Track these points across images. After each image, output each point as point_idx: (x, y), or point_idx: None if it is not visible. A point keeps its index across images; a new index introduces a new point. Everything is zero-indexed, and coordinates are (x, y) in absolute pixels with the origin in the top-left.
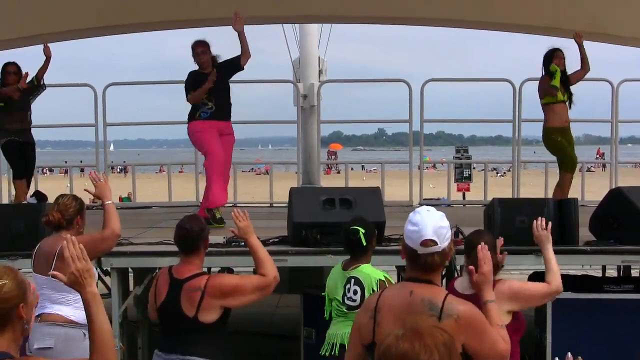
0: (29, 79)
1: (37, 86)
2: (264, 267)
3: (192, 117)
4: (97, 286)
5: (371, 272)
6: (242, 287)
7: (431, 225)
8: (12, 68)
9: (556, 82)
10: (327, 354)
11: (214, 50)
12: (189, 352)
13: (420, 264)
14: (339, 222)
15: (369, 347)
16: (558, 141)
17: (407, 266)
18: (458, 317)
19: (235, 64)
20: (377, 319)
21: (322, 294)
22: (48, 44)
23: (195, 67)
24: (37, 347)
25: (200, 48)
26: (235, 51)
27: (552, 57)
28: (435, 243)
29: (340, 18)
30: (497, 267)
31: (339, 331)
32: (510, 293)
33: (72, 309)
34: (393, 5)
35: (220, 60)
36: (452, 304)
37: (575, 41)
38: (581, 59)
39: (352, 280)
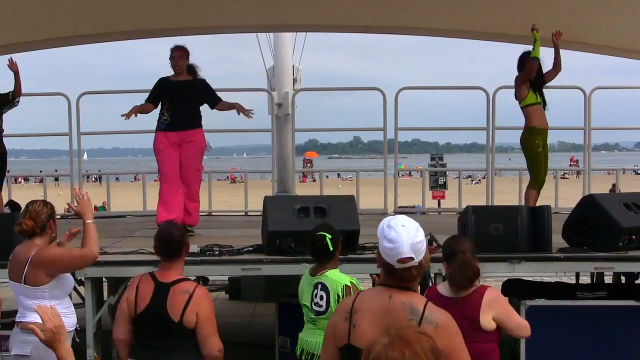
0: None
1: (10, 101)
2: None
3: (156, 127)
4: (71, 296)
5: (337, 277)
6: (212, 318)
7: (408, 242)
8: None
9: (536, 53)
10: (301, 356)
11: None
12: (175, 359)
13: (397, 277)
14: None
15: (344, 349)
16: (535, 145)
17: (383, 275)
18: (437, 325)
19: (209, 100)
20: (352, 321)
21: (299, 302)
22: (13, 59)
23: (169, 72)
24: (14, 353)
25: (177, 52)
26: (215, 61)
27: (527, 59)
28: (413, 259)
29: (315, 27)
30: (478, 273)
31: (308, 338)
32: (497, 301)
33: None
34: (368, 14)
35: (199, 71)
36: (433, 312)
37: (553, 39)
38: (555, 58)
39: (319, 286)
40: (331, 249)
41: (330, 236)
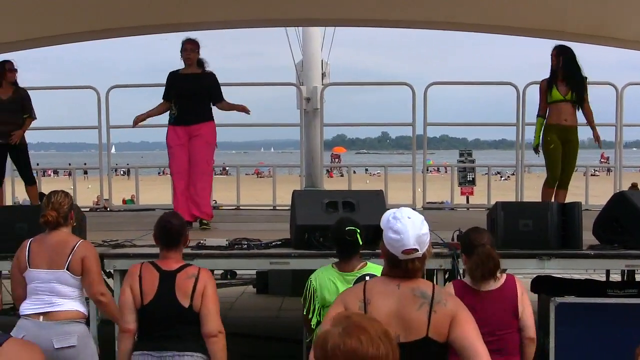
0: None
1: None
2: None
3: (168, 121)
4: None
5: (380, 269)
6: (215, 299)
7: (413, 234)
8: (11, 65)
9: (537, 136)
10: None
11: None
12: (185, 347)
13: (401, 269)
14: None
15: None
16: (547, 141)
17: (386, 266)
18: (447, 302)
19: (213, 95)
20: (367, 310)
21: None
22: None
23: (180, 65)
24: (58, 346)
25: (189, 45)
26: (231, 55)
27: (553, 55)
28: (417, 251)
29: (344, 21)
30: (499, 264)
31: None
32: (525, 291)
33: (82, 304)
34: (396, 9)
35: (207, 67)
36: (440, 292)
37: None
38: (589, 116)
39: (367, 278)
40: (361, 243)
41: (359, 230)
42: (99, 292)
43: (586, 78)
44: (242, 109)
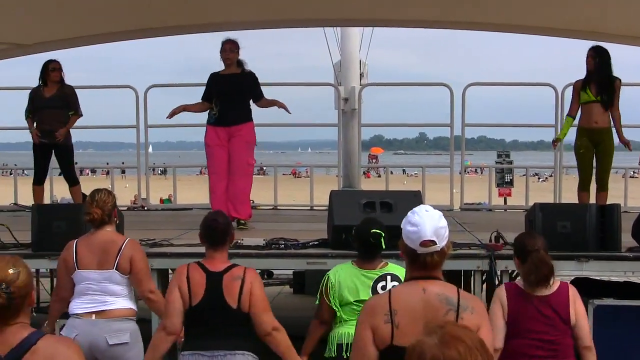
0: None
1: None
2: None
3: (207, 120)
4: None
5: (401, 269)
6: (264, 297)
7: (430, 226)
8: (55, 65)
9: (562, 135)
10: (334, 355)
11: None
12: (235, 346)
13: (420, 263)
14: None
15: (386, 351)
16: (577, 145)
17: (408, 266)
18: (473, 309)
19: (254, 94)
20: (394, 322)
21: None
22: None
23: (219, 65)
24: (112, 343)
25: (228, 45)
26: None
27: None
28: (435, 243)
29: (382, 21)
30: (553, 270)
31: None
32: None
33: (132, 302)
34: (435, 9)
35: (247, 67)
36: (466, 298)
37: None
38: (617, 120)
39: (388, 277)
40: (384, 247)
41: (383, 234)
42: (148, 290)
43: (620, 80)
44: (282, 105)
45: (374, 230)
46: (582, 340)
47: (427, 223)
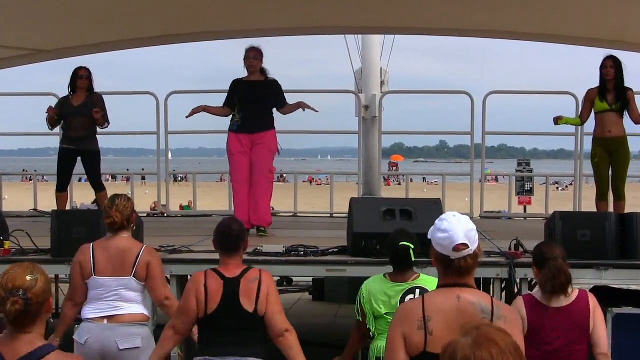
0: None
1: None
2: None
3: (228, 127)
4: None
5: (432, 281)
6: (278, 299)
7: (461, 230)
8: (83, 72)
9: (564, 121)
10: None
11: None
12: (247, 352)
13: (454, 269)
14: None
15: (419, 357)
16: (592, 154)
17: (441, 273)
18: (506, 318)
19: (278, 101)
20: (428, 329)
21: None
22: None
23: (242, 73)
24: (122, 347)
25: (252, 52)
26: (296, 63)
27: (601, 66)
28: (467, 246)
29: (403, 29)
30: (570, 278)
31: None
32: (598, 306)
33: (146, 307)
34: (456, 17)
35: (269, 74)
36: (499, 307)
37: None
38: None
39: (417, 291)
40: (413, 259)
41: (412, 246)
42: (164, 297)
43: (632, 91)
44: (307, 106)
45: (402, 243)
46: (599, 347)
47: (457, 228)
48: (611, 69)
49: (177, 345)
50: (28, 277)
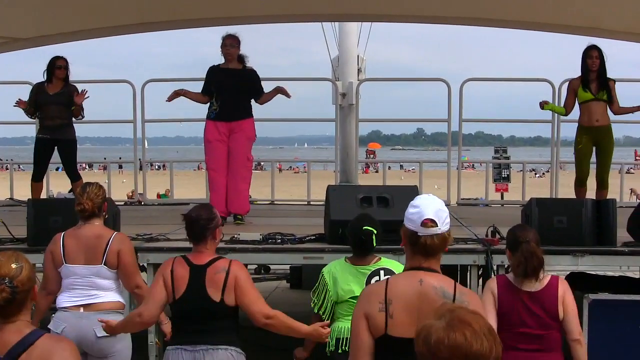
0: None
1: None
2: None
3: (206, 115)
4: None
5: (395, 264)
6: (251, 287)
7: (432, 207)
8: (62, 62)
9: (550, 107)
10: (333, 349)
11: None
12: (219, 340)
13: (420, 247)
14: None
15: (380, 340)
16: (576, 142)
17: (408, 254)
18: (469, 304)
19: (256, 91)
20: (389, 311)
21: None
22: (84, 93)
23: (220, 60)
24: (100, 335)
25: (229, 40)
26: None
27: (586, 56)
28: (436, 224)
29: (381, 17)
30: (543, 262)
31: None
32: (569, 292)
33: (121, 295)
34: (433, 4)
35: (248, 62)
36: (462, 292)
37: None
38: (624, 108)
39: (382, 272)
40: (375, 245)
41: (375, 232)
42: (135, 285)
43: (614, 81)
44: (282, 90)
45: (365, 228)
46: (571, 333)
47: (428, 205)
48: (597, 60)
49: (140, 330)
50: (13, 266)
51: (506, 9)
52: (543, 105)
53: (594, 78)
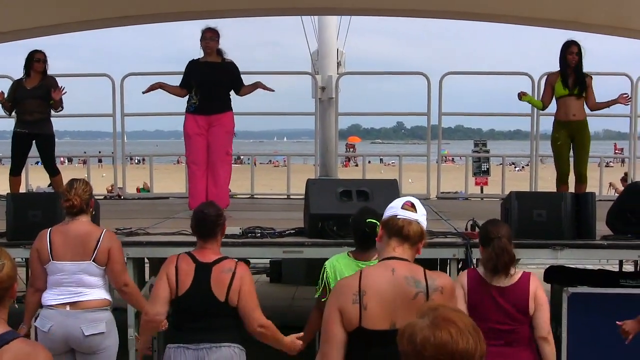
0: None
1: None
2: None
3: (185, 109)
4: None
5: None
6: (253, 294)
7: (416, 200)
8: (40, 56)
9: (528, 99)
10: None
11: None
12: (221, 338)
13: (397, 230)
14: None
15: (354, 333)
16: (554, 138)
17: (383, 244)
18: (443, 289)
19: (236, 84)
20: (363, 303)
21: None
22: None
23: (199, 54)
24: (88, 333)
25: (209, 33)
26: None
27: (566, 51)
28: (415, 210)
29: (360, 10)
30: (514, 259)
31: None
32: (541, 288)
33: (107, 292)
34: None
35: (226, 56)
36: (434, 278)
37: (619, 100)
38: (603, 104)
39: None
40: None
41: (379, 223)
42: (123, 283)
43: (591, 77)
44: (263, 86)
45: (369, 220)
46: (538, 330)
47: (412, 198)
48: (577, 56)
49: (157, 330)
50: None
51: (485, 3)
52: (521, 96)
53: (571, 72)
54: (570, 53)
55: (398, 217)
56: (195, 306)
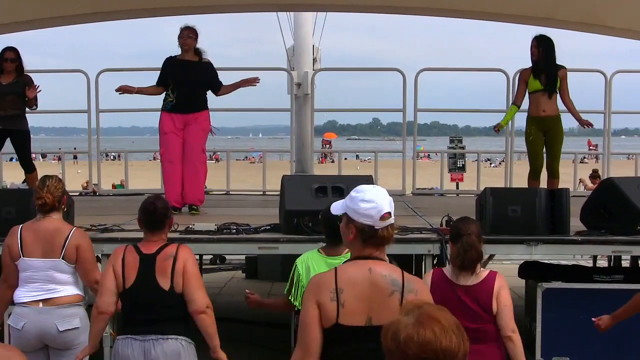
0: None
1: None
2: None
3: (162, 107)
4: None
5: None
6: (197, 275)
7: (386, 199)
8: (9, 54)
9: (504, 122)
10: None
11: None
12: (169, 331)
13: (378, 239)
14: None
15: (331, 330)
16: (527, 133)
17: (358, 246)
18: (418, 291)
19: (213, 85)
20: (340, 300)
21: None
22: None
23: (176, 51)
24: (62, 329)
25: (187, 31)
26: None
27: (534, 45)
28: (391, 215)
29: (336, 6)
30: (481, 256)
31: None
32: (505, 288)
33: (80, 288)
34: None
35: (205, 56)
36: (410, 280)
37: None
38: (570, 106)
39: None
40: None
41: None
42: (94, 280)
43: (565, 68)
44: (245, 82)
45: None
46: (503, 329)
47: (382, 197)
48: (535, 50)
49: (107, 324)
50: None
51: (463, 0)
52: (498, 128)
53: (541, 68)
54: (531, 47)
55: (377, 228)
56: (141, 298)
